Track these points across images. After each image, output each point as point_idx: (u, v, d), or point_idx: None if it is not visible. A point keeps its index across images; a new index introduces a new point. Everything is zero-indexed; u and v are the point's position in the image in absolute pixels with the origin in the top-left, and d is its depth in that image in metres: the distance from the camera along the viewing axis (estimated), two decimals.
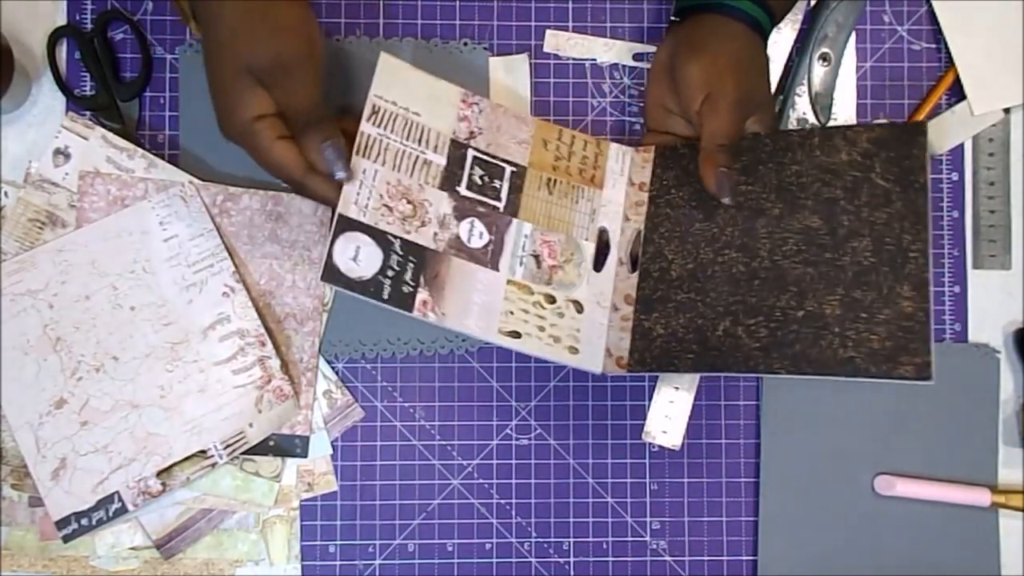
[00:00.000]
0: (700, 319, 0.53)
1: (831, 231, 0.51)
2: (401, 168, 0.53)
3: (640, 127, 0.62)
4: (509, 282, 0.54)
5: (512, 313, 0.53)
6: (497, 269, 0.54)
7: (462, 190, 0.54)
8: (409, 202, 0.53)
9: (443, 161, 0.54)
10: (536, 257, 0.55)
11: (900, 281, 0.49)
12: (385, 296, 0.50)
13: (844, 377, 0.48)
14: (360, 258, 0.50)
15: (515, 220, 0.55)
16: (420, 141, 0.54)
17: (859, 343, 0.48)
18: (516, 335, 0.53)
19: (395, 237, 0.51)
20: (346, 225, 0.50)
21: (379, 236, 0.51)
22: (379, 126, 0.53)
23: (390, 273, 0.51)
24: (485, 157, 0.55)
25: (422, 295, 0.51)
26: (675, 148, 0.57)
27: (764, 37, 0.54)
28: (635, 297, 0.55)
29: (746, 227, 0.53)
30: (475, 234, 0.54)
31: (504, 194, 0.55)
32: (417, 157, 0.54)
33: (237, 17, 0.45)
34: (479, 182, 0.55)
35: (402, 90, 0.54)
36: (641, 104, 0.62)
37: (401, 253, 0.51)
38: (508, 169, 0.56)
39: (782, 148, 0.54)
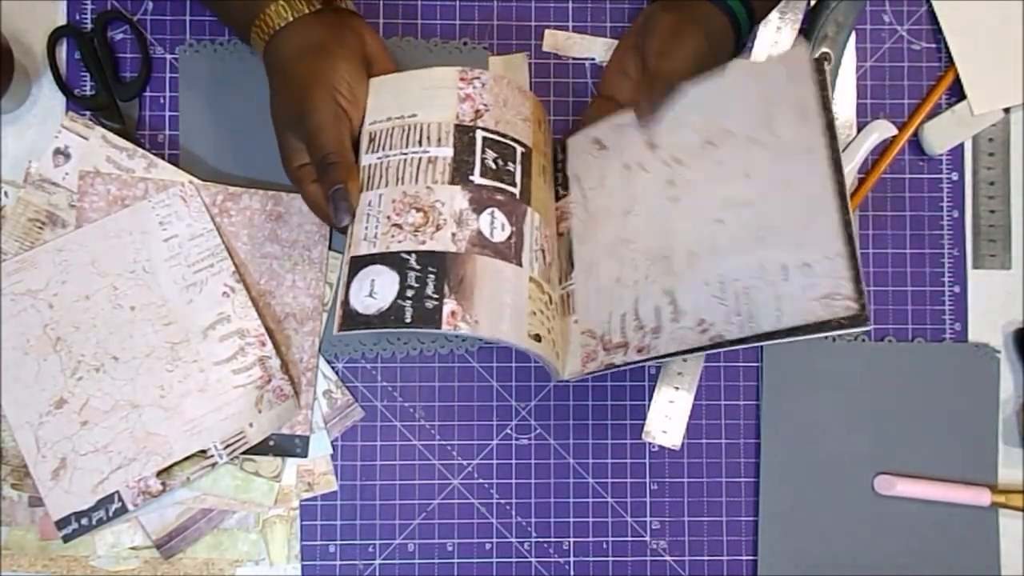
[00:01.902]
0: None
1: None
2: (404, 178, 0.49)
3: None
4: (530, 279, 0.49)
5: (534, 314, 0.49)
6: (521, 264, 0.49)
7: (476, 178, 0.49)
8: (419, 210, 0.48)
9: (449, 152, 0.50)
10: (543, 252, 0.51)
11: None
12: (408, 319, 0.45)
13: (789, 338, 0.46)
14: (376, 290, 0.46)
15: (529, 209, 0.51)
16: (421, 141, 0.50)
17: None
18: (538, 339, 0.49)
19: (408, 253, 0.47)
20: (357, 264, 0.47)
21: (391, 258, 0.47)
22: (378, 151, 0.51)
23: (409, 293, 0.46)
24: (495, 136, 0.51)
25: (449, 305, 0.46)
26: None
27: (738, 35, 0.55)
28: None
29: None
30: (497, 226, 0.49)
31: (518, 178, 0.51)
32: (419, 159, 0.49)
33: (276, 83, 0.52)
34: (493, 166, 0.50)
35: (393, 100, 0.51)
36: None
37: (418, 267, 0.46)
38: (519, 150, 0.52)
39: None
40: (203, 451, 0.56)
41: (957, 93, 0.63)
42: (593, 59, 0.62)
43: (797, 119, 0.47)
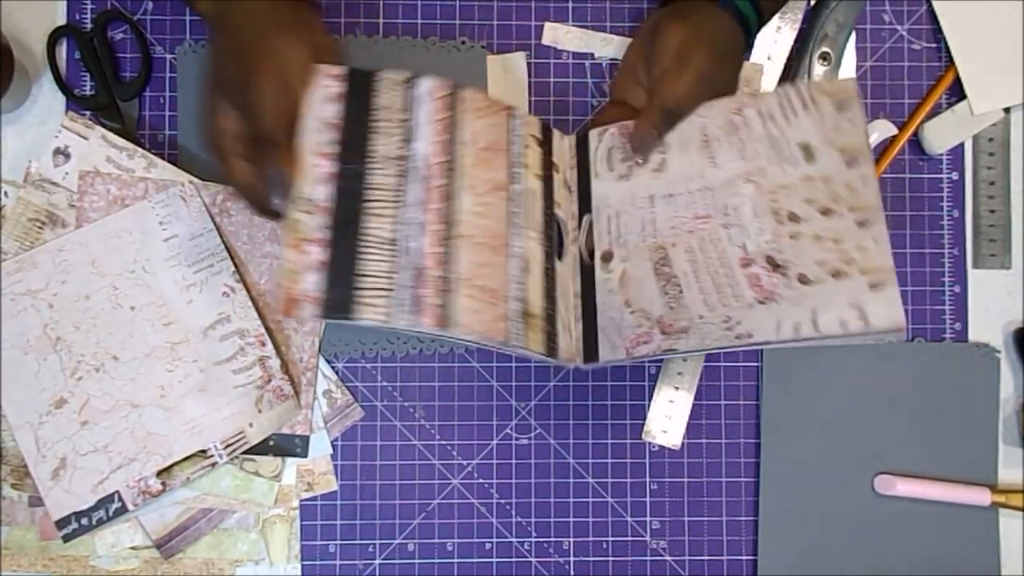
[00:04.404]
0: None
1: None
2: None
3: None
4: None
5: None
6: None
7: None
8: None
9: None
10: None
11: None
12: None
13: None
14: None
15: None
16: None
17: None
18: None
19: None
20: None
21: None
22: None
23: None
24: None
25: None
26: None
27: (748, 35, 0.55)
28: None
29: None
30: None
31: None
32: None
33: (222, 43, 0.49)
34: None
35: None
36: None
37: None
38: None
39: None
40: (203, 451, 0.56)
41: (957, 93, 0.63)
42: (592, 56, 0.62)
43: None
